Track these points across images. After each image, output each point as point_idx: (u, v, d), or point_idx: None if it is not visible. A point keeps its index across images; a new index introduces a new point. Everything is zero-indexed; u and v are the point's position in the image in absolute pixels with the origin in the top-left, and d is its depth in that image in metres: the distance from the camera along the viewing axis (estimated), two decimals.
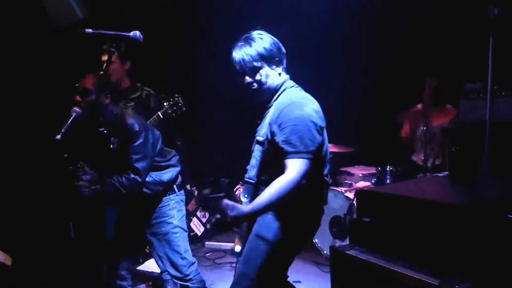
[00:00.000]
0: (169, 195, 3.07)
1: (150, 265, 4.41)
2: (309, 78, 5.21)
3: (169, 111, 3.43)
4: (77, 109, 2.78)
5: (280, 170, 2.10)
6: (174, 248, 3.01)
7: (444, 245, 1.60)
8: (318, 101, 2.32)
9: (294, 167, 2.06)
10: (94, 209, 3.66)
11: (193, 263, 3.11)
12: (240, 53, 2.26)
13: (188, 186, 5.25)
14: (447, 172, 2.26)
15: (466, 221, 1.57)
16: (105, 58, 3.45)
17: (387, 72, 5.10)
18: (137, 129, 2.82)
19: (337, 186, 4.78)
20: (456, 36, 4.49)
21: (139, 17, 4.63)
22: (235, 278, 2.35)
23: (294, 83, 2.39)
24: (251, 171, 2.31)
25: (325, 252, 4.57)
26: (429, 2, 4.65)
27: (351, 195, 4.37)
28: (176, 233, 3.03)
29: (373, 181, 4.68)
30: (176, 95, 3.46)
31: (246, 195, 2.29)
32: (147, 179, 2.91)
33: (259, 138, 2.29)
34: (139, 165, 2.80)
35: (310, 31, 5.16)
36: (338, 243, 4.37)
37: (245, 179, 2.33)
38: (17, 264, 3.32)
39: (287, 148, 2.10)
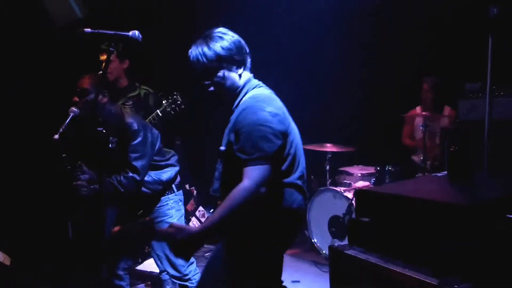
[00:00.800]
0: (167, 194, 3.08)
1: (149, 265, 4.41)
2: (308, 78, 5.27)
3: (168, 109, 3.43)
4: (75, 109, 2.78)
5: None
6: None
7: (443, 245, 1.60)
8: (317, 100, 2.27)
9: (248, 176, 1.91)
10: (93, 209, 3.66)
11: (192, 262, 3.11)
12: (196, 52, 2.10)
13: (187, 186, 5.25)
14: (446, 172, 2.26)
15: (466, 221, 1.57)
16: (103, 57, 3.46)
17: (386, 72, 5.10)
18: (136, 127, 2.82)
19: (336, 186, 4.79)
20: (455, 36, 4.50)
21: (138, 16, 4.62)
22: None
23: (259, 83, 2.24)
24: (215, 184, 2.19)
25: (324, 251, 4.57)
26: (429, 2, 4.65)
27: (350, 195, 4.37)
28: None
29: (372, 181, 4.69)
30: (175, 93, 3.47)
31: (211, 210, 2.16)
32: (146, 178, 2.91)
33: (221, 148, 2.17)
34: (138, 163, 2.81)
35: (310, 30, 5.16)
36: (337, 242, 4.35)
37: (210, 193, 2.20)
38: (16, 264, 3.31)
39: (242, 156, 1.96)
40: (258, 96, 2.12)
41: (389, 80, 5.08)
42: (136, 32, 2.51)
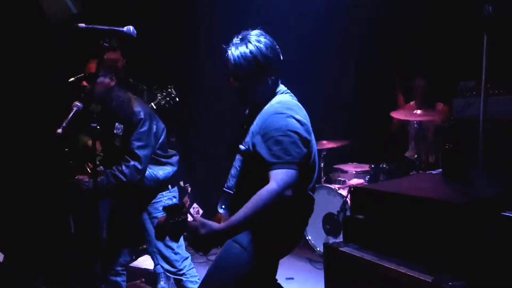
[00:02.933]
0: (162, 191, 3.07)
1: (143, 262, 4.40)
2: (304, 75, 5.26)
3: (163, 102, 3.46)
4: (78, 104, 2.77)
5: (262, 182, 1.95)
6: (167, 243, 3.01)
7: (438, 242, 1.61)
8: (312, 97, 2.26)
9: (276, 179, 1.91)
10: (92, 205, 3.65)
11: (187, 257, 3.11)
12: (236, 53, 2.11)
13: (181, 183, 5.23)
14: (440, 170, 2.27)
15: (460, 218, 1.57)
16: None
17: (382, 69, 5.11)
18: (142, 116, 2.83)
19: (330, 183, 4.79)
20: (450, 34, 4.51)
21: (136, 12, 4.61)
22: (203, 279, 2.21)
23: (285, 89, 2.25)
24: (230, 181, 2.18)
25: (318, 249, 4.58)
26: (423, 0, 4.66)
27: (344, 192, 4.37)
28: None
29: (366, 179, 4.69)
30: (169, 86, 3.48)
31: (223, 206, 2.17)
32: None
33: (241, 146, 2.15)
34: (141, 152, 2.81)
35: (305, 27, 5.15)
36: (331, 240, 4.37)
37: (224, 189, 2.20)
38: (13, 260, 3.30)
39: (270, 159, 1.96)
40: (286, 103, 2.13)
41: (384, 78, 5.09)
42: (131, 28, 2.50)
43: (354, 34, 5.25)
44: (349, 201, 4.18)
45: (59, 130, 2.70)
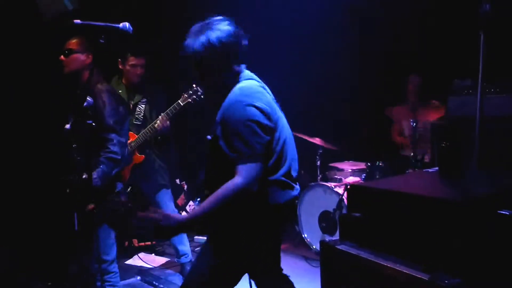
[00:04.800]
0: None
1: (138, 259, 4.40)
2: (299, 73, 5.26)
3: (189, 100, 3.61)
4: (89, 99, 2.76)
5: (227, 173, 1.96)
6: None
7: (434, 241, 1.61)
8: (308, 96, 2.26)
9: (241, 174, 1.92)
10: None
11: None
12: (192, 41, 2.06)
13: (177, 180, 5.22)
14: (437, 168, 2.27)
15: (456, 216, 1.57)
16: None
17: (379, 67, 5.11)
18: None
19: (326, 181, 4.79)
20: (446, 32, 4.52)
21: (129, 8, 4.59)
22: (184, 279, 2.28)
23: (250, 75, 2.19)
24: (202, 175, 2.21)
25: (314, 247, 4.58)
26: None
27: (340, 190, 4.38)
28: None
29: (362, 177, 4.70)
30: (194, 85, 3.61)
31: (198, 199, 2.21)
32: None
33: (208, 136, 2.14)
34: (117, 126, 2.92)
35: (302, 24, 5.15)
36: (327, 238, 4.38)
37: (197, 182, 2.24)
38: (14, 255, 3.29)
39: (232, 154, 1.97)
40: (246, 90, 2.08)
41: (381, 76, 5.09)
42: (127, 24, 2.49)
43: (351, 33, 5.25)
44: (345, 199, 4.18)
45: (67, 126, 2.71)
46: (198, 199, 2.24)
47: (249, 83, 2.13)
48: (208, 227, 2.18)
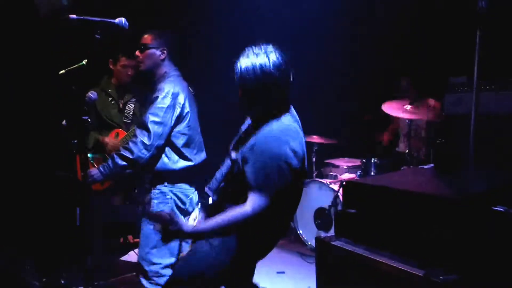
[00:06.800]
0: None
1: (135, 256, 4.39)
2: (295, 70, 5.25)
3: None
4: (91, 95, 2.74)
5: (239, 194, 2.03)
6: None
7: (430, 237, 1.61)
8: (303, 93, 2.24)
9: (252, 203, 1.98)
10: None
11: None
12: (243, 64, 2.04)
13: None
14: (432, 165, 2.28)
15: (451, 213, 1.58)
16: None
17: (375, 65, 5.12)
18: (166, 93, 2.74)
19: (322, 178, 4.80)
20: (442, 29, 4.52)
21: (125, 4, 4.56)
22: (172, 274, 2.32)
23: (291, 111, 2.17)
24: (214, 183, 2.22)
25: (309, 243, 4.59)
26: None
27: (335, 187, 4.39)
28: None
29: (358, 173, 4.71)
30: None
31: (199, 204, 2.26)
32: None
33: (233, 155, 2.15)
34: (153, 126, 2.68)
35: (297, 23, 5.14)
36: (322, 234, 4.39)
37: (206, 189, 2.25)
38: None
39: (251, 181, 2.00)
40: (285, 128, 2.07)
41: (376, 72, 5.10)
42: (123, 20, 2.48)
43: (347, 30, 5.25)
44: (340, 196, 4.19)
45: (64, 122, 2.68)
46: (199, 204, 2.29)
47: (289, 120, 2.12)
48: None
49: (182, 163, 2.83)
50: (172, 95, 2.72)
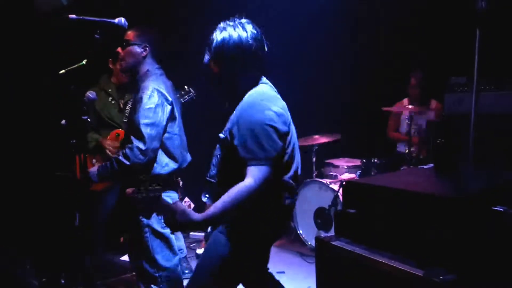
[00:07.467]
0: None
1: None
2: (294, 69, 5.26)
3: (181, 100, 3.48)
4: (90, 95, 2.72)
5: (239, 171, 1.99)
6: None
7: (429, 237, 1.61)
8: (303, 92, 2.25)
9: (252, 175, 1.95)
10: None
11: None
12: (220, 36, 2.09)
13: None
14: (432, 164, 2.28)
15: (451, 212, 1.58)
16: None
17: (374, 64, 5.11)
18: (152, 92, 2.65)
19: (322, 178, 4.80)
20: (443, 29, 4.52)
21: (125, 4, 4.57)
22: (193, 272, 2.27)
23: (266, 81, 2.22)
24: (212, 170, 2.21)
25: (309, 243, 4.59)
26: None
27: (335, 187, 4.38)
28: None
29: (357, 173, 4.71)
30: (186, 86, 3.52)
31: (206, 195, 2.21)
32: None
33: (221, 134, 2.16)
34: (145, 129, 2.59)
35: (296, 20, 5.14)
36: (322, 234, 4.39)
37: (206, 178, 2.22)
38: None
39: (245, 154, 1.99)
40: (264, 94, 2.11)
41: (376, 72, 5.10)
42: (122, 19, 2.48)
43: (348, 29, 5.25)
44: (340, 196, 4.19)
45: (63, 121, 2.67)
46: (207, 195, 2.25)
47: (267, 88, 2.17)
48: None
49: (170, 167, 2.77)
50: (158, 92, 2.63)
